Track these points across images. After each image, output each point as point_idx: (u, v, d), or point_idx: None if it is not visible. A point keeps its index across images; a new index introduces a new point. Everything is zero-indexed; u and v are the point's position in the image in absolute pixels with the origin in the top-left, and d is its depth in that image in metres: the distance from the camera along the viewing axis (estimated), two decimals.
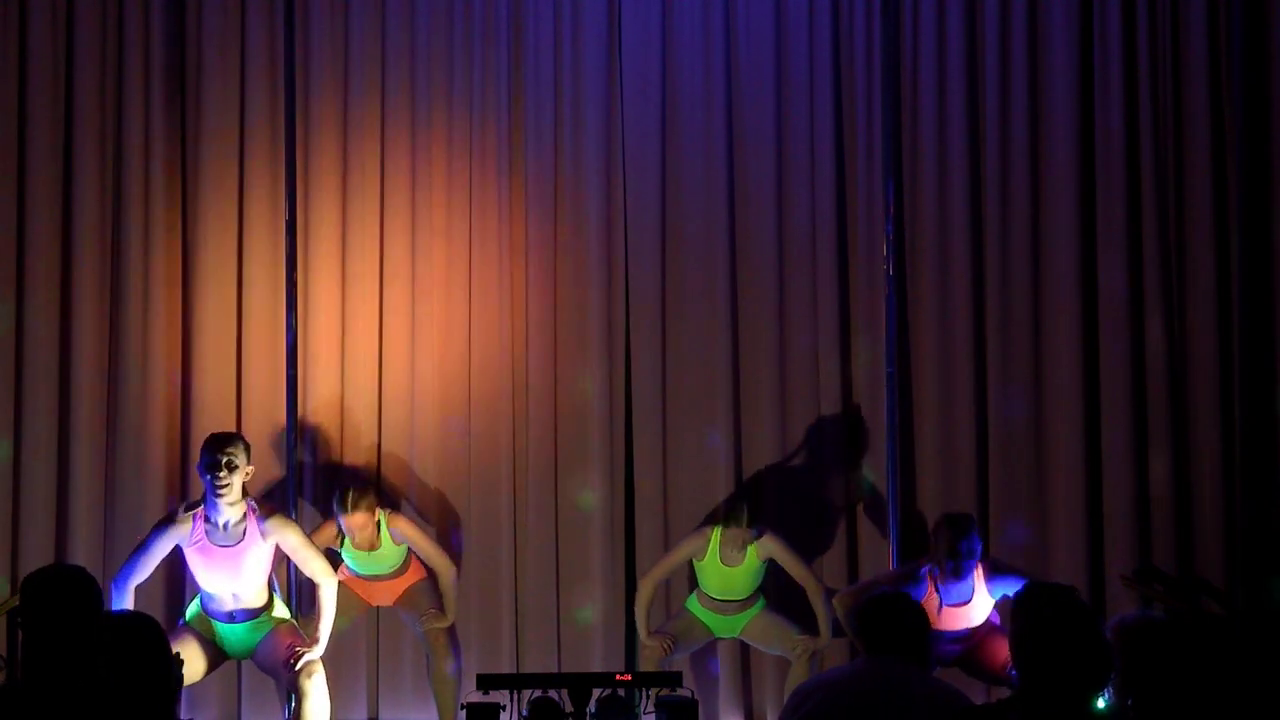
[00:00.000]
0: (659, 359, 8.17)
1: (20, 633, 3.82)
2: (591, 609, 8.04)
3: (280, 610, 6.72)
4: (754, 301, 8.17)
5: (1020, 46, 8.13)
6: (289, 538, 6.54)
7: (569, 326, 8.17)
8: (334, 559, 7.21)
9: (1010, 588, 6.72)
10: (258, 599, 6.62)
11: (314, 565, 6.62)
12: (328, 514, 7.77)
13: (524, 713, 6.35)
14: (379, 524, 7.42)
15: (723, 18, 8.22)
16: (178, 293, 8.15)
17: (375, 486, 7.76)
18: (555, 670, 7.90)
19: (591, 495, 8.08)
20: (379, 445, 8.11)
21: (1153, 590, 7.67)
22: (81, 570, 3.98)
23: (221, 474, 6.36)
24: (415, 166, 8.21)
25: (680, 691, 6.57)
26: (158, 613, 7.66)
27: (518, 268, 8.18)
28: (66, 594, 3.82)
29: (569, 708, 6.36)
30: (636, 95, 8.23)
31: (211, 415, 8.02)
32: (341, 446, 8.08)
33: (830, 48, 8.21)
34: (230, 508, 6.42)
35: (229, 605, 6.59)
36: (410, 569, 7.56)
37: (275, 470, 7.94)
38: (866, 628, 4.54)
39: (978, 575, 6.77)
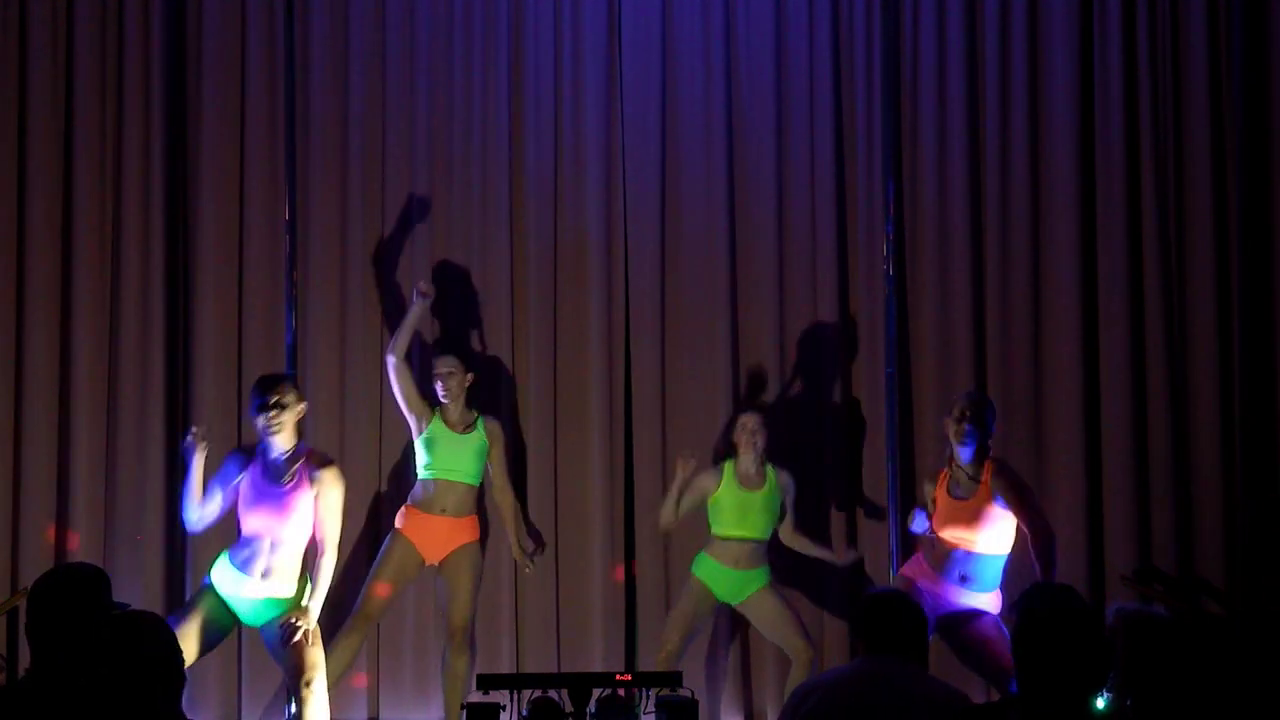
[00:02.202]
0: (659, 359, 8.17)
1: (26, 631, 3.83)
2: (590, 608, 8.05)
3: (308, 601, 6.65)
4: (754, 301, 8.17)
5: (1020, 46, 8.14)
6: (331, 493, 6.62)
7: (569, 326, 8.17)
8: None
9: (1007, 506, 6.66)
10: (291, 567, 6.59)
11: (331, 530, 6.63)
12: None
13: (524, 713, 6.35)
14: (475, 413, 7.54)
15: (723, 18, 8.23)
16: (178, 293, 8.15)
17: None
18: (555, 670, 7.90)
19: (591, 496, 8.09)
20: (379, 444, 8.11)
21: (1153, 590, 7.68)
22: (91, 568, 3.98)
23: (272, 413, 6.56)
24: (415, 166, 8.21)
25: (680, 691, 6.57)
26: (157, 609, 7.69)
27: (518, 267, 8.19)
28: (75, 593, 3.82)
29: (569, 708, 6.36)
30: (636, 95, 8.24)
31: (211, 415, 8.02)
32: (341, 445, 8.08)
33: (830, 48, 8.22)
34: (283, 446, 6.59)
35: (263, 557, 6.55)
36: (472, 517, 7.55)
37: None
38: (865, 627, 4.54)
39: (986, 473, 6.74)
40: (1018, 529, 6.75)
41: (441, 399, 7.51)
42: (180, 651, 3.69)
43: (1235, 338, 7.93)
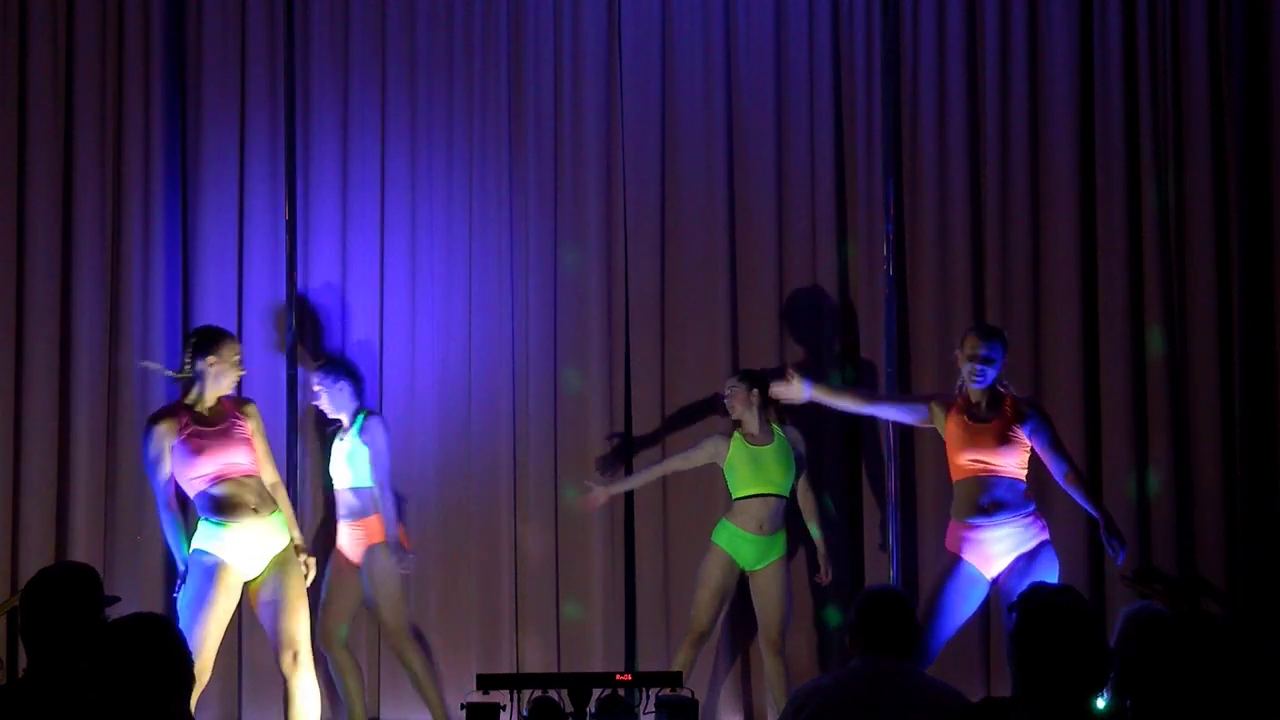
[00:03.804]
0: (659, 359, 8.17)
1: (21, 632, 3.83)
2: (590, 608, 8.04)
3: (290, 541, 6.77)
4: (754, 301, 8.17)
5: (1020, 46, 8.13)
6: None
7: (569, 327, 8.17)
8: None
9: (1037, 435, 6.76)
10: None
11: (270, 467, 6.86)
12: (329, 512, 7.81)
13: (524, 713, 6.34)
14: (357, 408, 7.60)
15: (723, 17, 8.22)
16: (178, 292, 8.15)
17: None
18: (555, 670, 7.90)
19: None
20: None
21: (1153, 590, 7.67)
22: (83, 567, 3.99)
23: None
24: (415, 166, 8.21)
25: (680, 691, 6.57)
26: (157, 609, 7.68)
27: (518, 268, 8.18)
28: (69, 592, 3.82)
29: (569, 708, 6.35)
30: (636, 95, 8.23)
31: None
32: None
33: (830, 48, 8.21)
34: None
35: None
36: (371, 518, 7.54)
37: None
38: (863, 627, 4.52)
39: (1007, 404, 6.80)
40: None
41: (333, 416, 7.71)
42: (189, 654, 3.69)
43: (1236, 337, 7.93)
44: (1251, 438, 7.88)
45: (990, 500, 6.76)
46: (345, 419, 7.62)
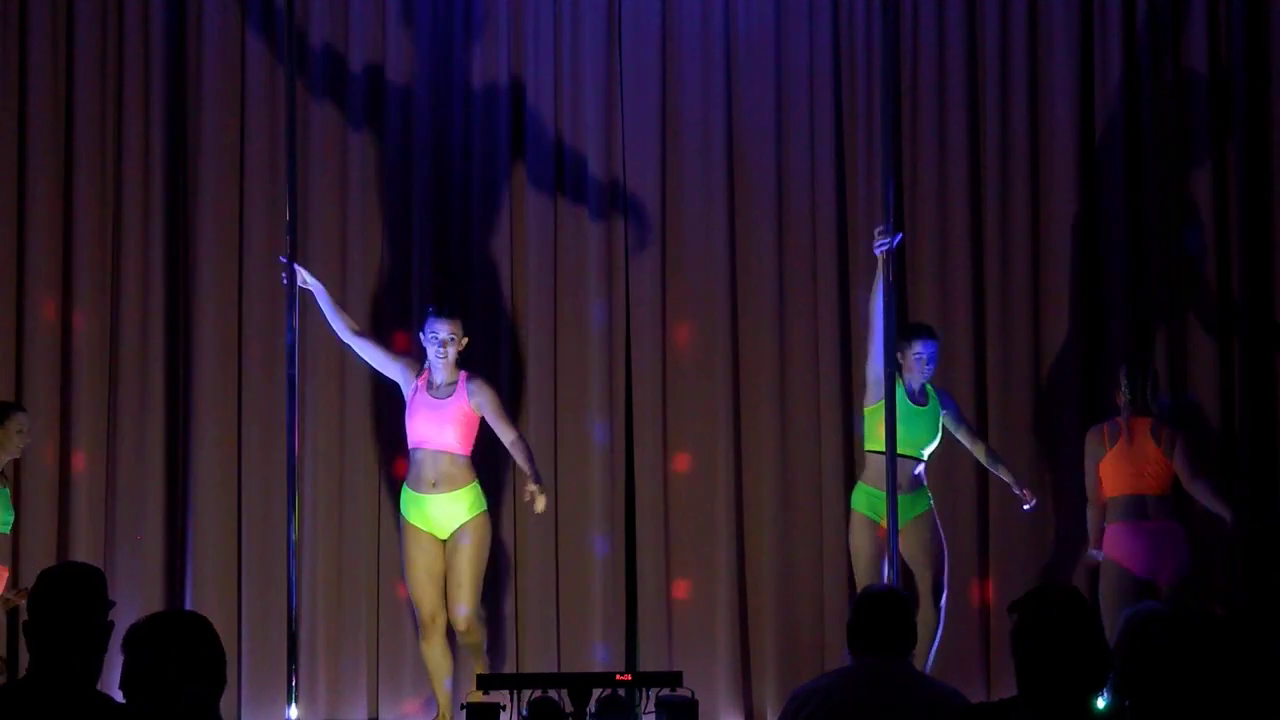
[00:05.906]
0: (659, 360, 8.18)
1: (24, 631, 3.83)
2: (590, 608, 8.05)
3: (481, 501, 7.24)
4: (754, 302, 8.18)
5: (1020, 46, 8.14)
6: (489, 399, 7.24)
7: (569, 327, 8.18)
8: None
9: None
10: (459, 469, 7.19)
11: (504, 425, 7.28)
12: (327, 511, 7.81)
13: (524, 713, 6.34)
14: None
15: (723, 16, 8.23)
16: (178, 293, 8.15)
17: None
18: (555, 670, 7.90)
19: (592, 495, 8.09)
20: (379, 444, 8.11)
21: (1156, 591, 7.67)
22: (88, 567, 3.99)
23: (444, 350, 7.19)
24: (414, 167, 8.21)
25: (680, 691, 6.57)
26: (157, 609, 7.69)
27: (517, 268, 8.19)
28: (74, 593, 3.82)
29: (569, 708, 6.36)
30: (636, 94, 8.24)
31: (211, 415, 8.03)
32: (341, 445, 8.09)
33: (830, 48, 8.22)
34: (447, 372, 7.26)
35: (430, 471, 7.17)
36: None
37: (275, 470, 7.92)
38: (863, 626, 4.51)
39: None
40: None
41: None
42: (223, 655, 3.67)
43: (1235, 337, 7.94)
44: (1251, 438, 7.89)
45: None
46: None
